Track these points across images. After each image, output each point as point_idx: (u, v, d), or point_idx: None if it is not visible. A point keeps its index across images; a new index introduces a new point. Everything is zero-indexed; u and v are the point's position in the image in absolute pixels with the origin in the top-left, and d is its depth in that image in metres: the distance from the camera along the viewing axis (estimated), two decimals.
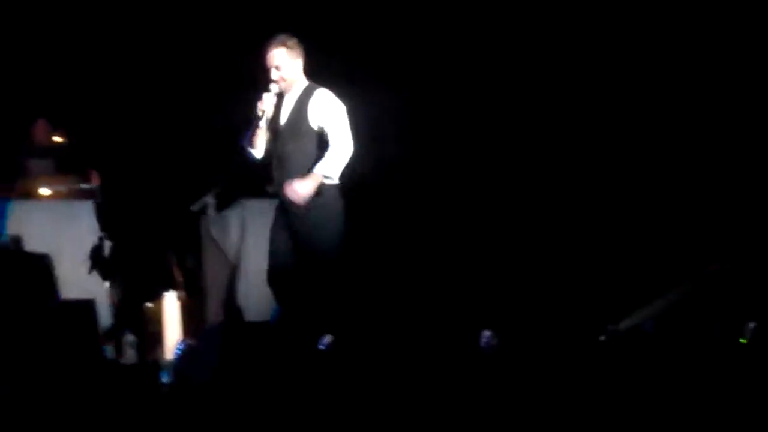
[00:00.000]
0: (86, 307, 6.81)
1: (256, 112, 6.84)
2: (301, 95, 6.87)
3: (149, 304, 8.51)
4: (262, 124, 6.88)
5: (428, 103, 9.44)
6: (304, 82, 6.91)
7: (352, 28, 9.37)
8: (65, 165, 8.97)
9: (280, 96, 6.90)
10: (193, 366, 6.63)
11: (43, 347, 6.30)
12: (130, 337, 7.80)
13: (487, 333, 7.02)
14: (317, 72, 7.01)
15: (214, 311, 8.36)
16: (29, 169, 8.98)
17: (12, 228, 8.12)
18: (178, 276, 8.78)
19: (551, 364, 6.51)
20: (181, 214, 8.83)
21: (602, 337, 7.20)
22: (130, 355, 7.74)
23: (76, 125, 9.23)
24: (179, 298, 8.25)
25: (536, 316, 8.19)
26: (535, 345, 7.17)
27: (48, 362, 6.24)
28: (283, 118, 6.89)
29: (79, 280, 8.01)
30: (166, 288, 8.38)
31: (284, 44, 6.81)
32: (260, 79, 6.84)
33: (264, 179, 7.06)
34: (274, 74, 6.81)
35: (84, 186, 8.80)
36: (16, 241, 8.04)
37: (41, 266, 7.81)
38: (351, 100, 6.92)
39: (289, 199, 6.73)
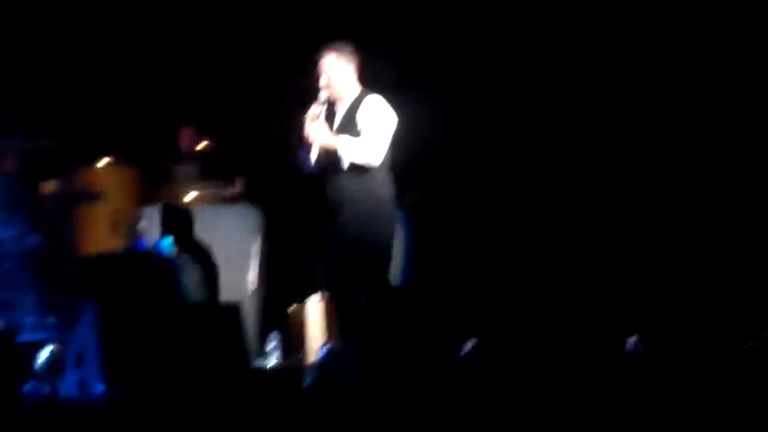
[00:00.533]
0: (233, 309, 6.81)
1: (306, 119, 6.63)
2: (353, 103, 6.65)
3: (293, 308, 8.53)
4: (310, 135, 6.63)
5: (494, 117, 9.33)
6: (356, 91, 6.69)
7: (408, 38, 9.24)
8: (211, 170, 9.09)
9: (332, 105, 6.71)
10: (337, 369, 6.77)
11: (191, 348, 6.36)
12: (274, 340, 7.86)
13: (632, 338, 6.89)
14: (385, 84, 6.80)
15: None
16: (176, 175, 9.12)
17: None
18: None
19: (698, 370, 6.39)
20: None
21: (750, 344, 7.03)
22: (274, 358, 7.80)
23: (221, 131, 9.36)
24: (323, 301, 8.25)
25: (681, 321, 8.04)
26: (680, 350, 7.04)
27: (195, 364, 6.30)
28: (335, 128, 6.68)
29: (225, 283, 8.01)
30: (311, 291, 8.39)
31: (335, 50, 6.63)
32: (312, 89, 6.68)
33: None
34: (322, 80, 6.61)
35: (229, 191, 8.95)
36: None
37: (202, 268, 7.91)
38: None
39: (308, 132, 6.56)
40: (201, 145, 9.24)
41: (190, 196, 8.86)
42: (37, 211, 8.24)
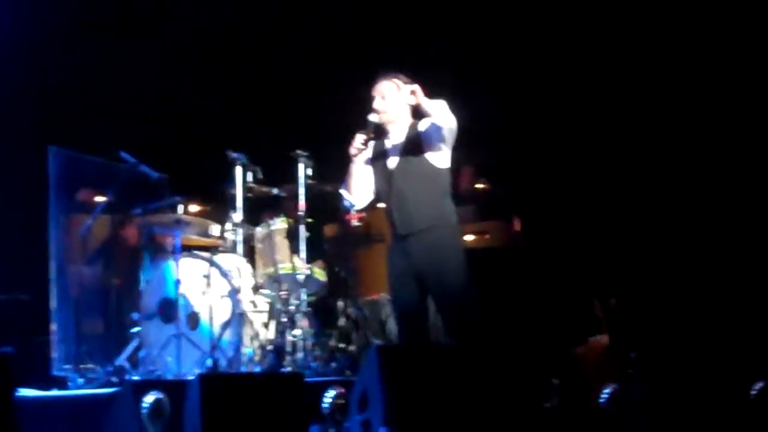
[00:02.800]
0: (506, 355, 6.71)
1: (350, 152, 6.67)
2: (410, 129, 6.69)
3: (575, 349, 8.40)
4: (358, 166, 6.71)
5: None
6: (409, 119, 6.74)
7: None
8: (488, 211, 9.07)
9: (383, 134, 6.72)
10: (620, 410, 6.69)
11: (475, 390, 6.29)
12: (555, 381, 7.71)
13: (759, 384, 6.62)
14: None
15: None
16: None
17: None
18: (604, 320, 8.65)
19: None
20: (604, 259, 8.73)
21: None
22: (554, 400, 7.65)
23: (497, 172, 9.40)
24: (604, 342, 8.11)
25: None
26: None
27: (477, 406, 6.25)
28: (394, 158, 6.71)
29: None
30: (591, 332, 8.24)
31: (395, 77, 6.71)
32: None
33: None
34: (377, 102, 6.66)
35: (507, 231, 8.94)
36: None
37: None
38: None
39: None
40: (478, 186, 9.34)
41: (468, 238, 8.79)
42: (321, 253, 8.57)
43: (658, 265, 8.84)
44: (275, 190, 8.69)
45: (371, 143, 6.81)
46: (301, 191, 8.42)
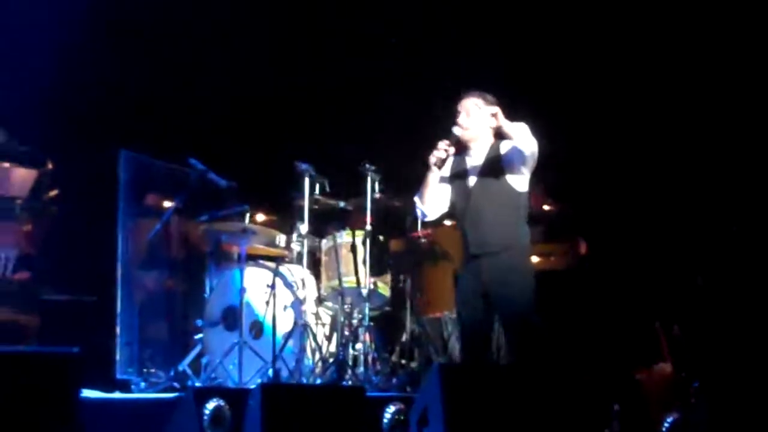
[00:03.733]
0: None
1: (430, 161, 6.71)
2: (491, 149, 6.75)
3: (637, 374, 8.33)
4: (436, 176, 6.74)
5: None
6: (491, 139, 6.78)
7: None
8: (555, 232, 9.02)
9: (464, 151, 6.79)
10: None
11: (535, 411, 6.27)
12: (616, 407, 7.63)
13: None
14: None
15: None
16: None
17: None
18: (666, 346, 8.57)
19: None
20: (669, 283, 8.67)
21: None
22: (615, 426, 7.57)
23: (565, 193, 9.33)
24: (666, 369, 8.03)
25: None
26: None
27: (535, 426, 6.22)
28: (473, 177, 6.75)
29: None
30: (655, 358, 8.17)
31: (481, 96, 6.78)
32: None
33: None
34: (461, 117, 6.73)
35: (572, 253, 8.87)
36: None
37: None
38: None
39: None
40: (546, 206, 9.20)
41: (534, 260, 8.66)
42: (385, 269, 8.53)
43: (723, 293, 8.74)
44: (342, 203, 8.73)
45: (451, 158, 6.86)
46: (368, 205, 8.44)
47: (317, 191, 8.63)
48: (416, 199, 6.98)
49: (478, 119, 6.83)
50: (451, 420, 6.02)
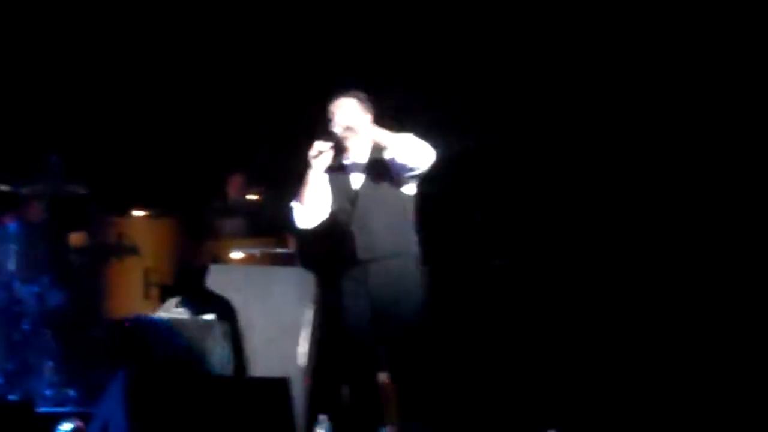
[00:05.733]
0: (280, 386, 6.38)
1: (307, 162, 6.43)
2: (374, 150, 6.58)
3: (347, 387, 7.81)
4: (316, 174, 6.46)
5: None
6: (372, 141, 6.62)
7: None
8: (260, 226, 8.76)
9: (343, 152, 6.57)
10: None
11: (229, 426, 6.01)
12: (324, 421, 7.06)
13: None
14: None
15: None
16: (221, 230, 8.87)
17: (202, 294, 7.98)
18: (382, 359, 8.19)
19: None
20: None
21: None
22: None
23: (274, 180, 8.98)
24: (382, 381, 7.54)
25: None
26: None
27: None
28: (357, 179, 6.59)
29: (272, 355, 7.75)
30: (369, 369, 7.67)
31: (356, 96, 6.63)
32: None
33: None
34: (339, 117, 6.51)
35: (281, 251, 8.46)
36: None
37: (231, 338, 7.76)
38: None
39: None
40: (251, 196, 8.97)
41: (236, 255, 8.45)
42: (64, 265, 8.15)
43: None
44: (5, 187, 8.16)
45: (329, 155, 6.50)
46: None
47: None
48: (294, 203, 6.56)
49: (355, 117, 6.53)
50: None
